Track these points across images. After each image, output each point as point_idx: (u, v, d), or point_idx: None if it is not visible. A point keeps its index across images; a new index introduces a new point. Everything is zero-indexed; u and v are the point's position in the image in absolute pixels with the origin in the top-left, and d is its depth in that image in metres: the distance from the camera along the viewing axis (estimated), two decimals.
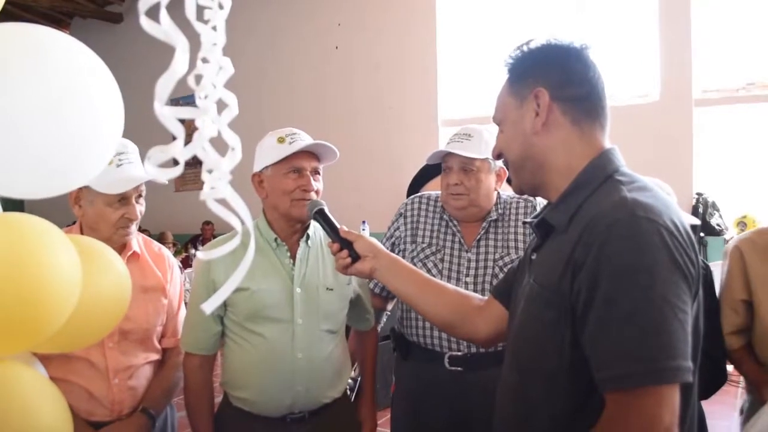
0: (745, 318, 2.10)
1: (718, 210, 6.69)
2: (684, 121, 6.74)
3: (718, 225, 6.61)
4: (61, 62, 0.94)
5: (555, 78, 1.19)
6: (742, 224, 6.49)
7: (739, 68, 6.77)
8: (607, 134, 1.22)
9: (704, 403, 2.08)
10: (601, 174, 1.15)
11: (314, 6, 9.18)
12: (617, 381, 0.98)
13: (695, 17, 6.71)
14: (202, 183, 0.69)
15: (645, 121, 6.89)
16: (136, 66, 7.10)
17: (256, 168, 1.84)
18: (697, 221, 2.42)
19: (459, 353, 1.97)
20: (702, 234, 6.59)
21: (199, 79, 0.68)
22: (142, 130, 1.80)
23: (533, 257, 1.26)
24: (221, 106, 0.71)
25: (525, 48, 1.24)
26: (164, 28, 0.64)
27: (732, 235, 6.57)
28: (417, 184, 4.64)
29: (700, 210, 6.59)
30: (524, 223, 2.02)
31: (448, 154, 2.01)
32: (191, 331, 1.84)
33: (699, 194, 6.71)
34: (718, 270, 2.26)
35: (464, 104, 8.16)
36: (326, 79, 9.09)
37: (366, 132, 8.70)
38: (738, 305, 2.11)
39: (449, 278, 2.02)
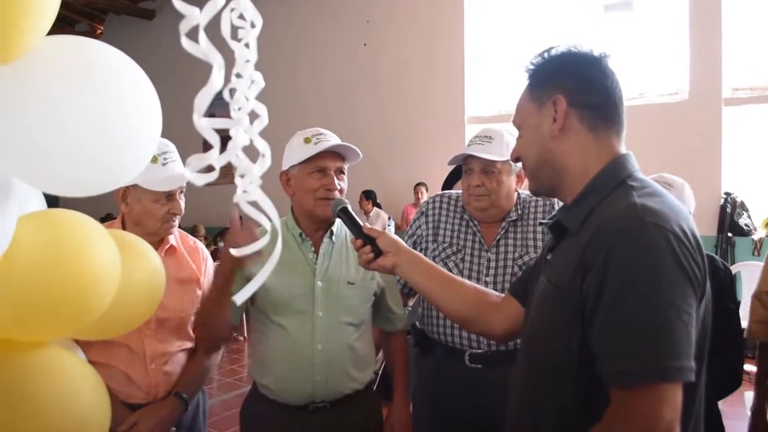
0: None
1: (746, 210, 6.60)
2: (713, 120, 6.66)
3: (746, 225, 6.54)
4: (105, 71, 1.02)
5: (573, 85, 1.23)
6: None
7: None
8: (623, 140, 1.26)
9: (722, 404, 2.11)
10: (613, 179, 1.19)
11: (343, 3, 9.22)
12: (621, 378, 1.03)
13: (726, 16, 6.62)
14: (233, 177, 0.77)
15: (674, 119, 6.83)
16: (167, 61, 7.24)
17: (284, 167, 1.90)
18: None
19: (479, 351, 2.00)
20: (730, 234, 6.52)
21: (233, 92, 0.76)
22: (172, 122, 1.88)
23: (548, 257, 1.31)
24: (253, 116, 0.79)
25: (546, 55, 1.28)
26: (202, 48, 0.71)
27: (761, 235, 6.49)
28: (451, 181, 4.69)
29: (728, 210, 6.51)
30: (540, 223, 2.05)
31: (470, 156, 2.04)
32: None
33: (727, 194, 6.62)
34: (746, 270, 2.31)
35: (491, 101, 8.15)
36: (354, 75, 9.13)
37: (392, 129, 8.73)
38: (763, 296, 2.16)
39: (470, 278, 2.03)
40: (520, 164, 2.03)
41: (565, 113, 1.22)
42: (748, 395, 2.50)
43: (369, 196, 8.05)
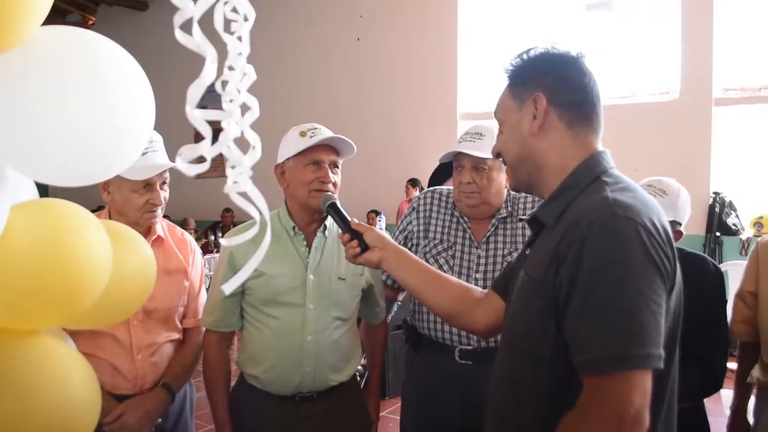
0: (753, 309, 2.16)
1: (735, 210, 6.66)
2: (703, 120, 6.71)
3: (734, 225, 6.59)
4: (100, 61, 1.03)
5: (552, 84, 1.26)
6: (758, 225, 6.46)
7: (760, 68, 6.72)
8: (600, 138, 1.29)
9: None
10: (589, 175, 1.23)
11: None
12: (591, 365, 1.06)
13: (717, 16, 6.66)
14: (223, 171, 0.78)
15: (664, 118, 6.87)
16: (159, 52, 7.22)
17: (279, 159, 1.92)
18: None
19: (469, 347, 2.01)
20: (718, 233, 6.57)
21: (225, 84, 0.77)
22: (165, 114, 1.89)
23: (527, 252, 1.34)
24: (244, 108, 0.80)
25: (525, 56, 1.32)
26: (196, 40, 0.72)
27: (748, 235, 6.55)
28: (439, 177, 4.69)
29: (717, 209, 6.57)
30: (520, 219, 2.08)
31: (461, 153, 2.04)
32: (213, 311, 1.93)
33: (716, 193, 6.68)
34: (734, 270, 2.32)
35: (483, 98, 8.15)
36: (348, 70, 9.11)
37: (385, 124, 8.73)
38: (746, 296, 2.17)
39: (460, 274, 2.05)
40: None
41: (545, 111, 1.25)
42: (725, 393, 2.52)
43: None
